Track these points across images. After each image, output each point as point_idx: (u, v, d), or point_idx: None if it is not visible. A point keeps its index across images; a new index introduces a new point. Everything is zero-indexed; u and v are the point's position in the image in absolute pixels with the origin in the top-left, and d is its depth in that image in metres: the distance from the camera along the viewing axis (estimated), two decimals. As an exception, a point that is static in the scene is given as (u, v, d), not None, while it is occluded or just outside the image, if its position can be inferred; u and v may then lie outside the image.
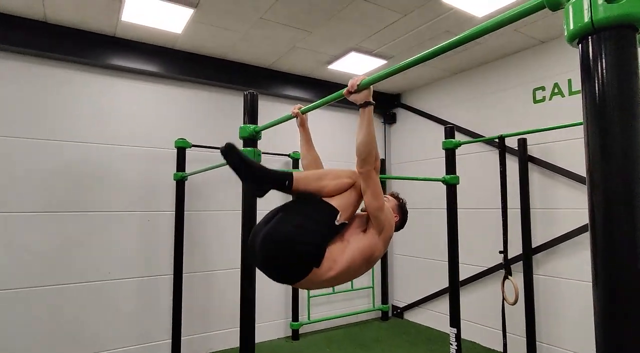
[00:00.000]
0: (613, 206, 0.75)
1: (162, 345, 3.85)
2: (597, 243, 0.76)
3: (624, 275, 0.73)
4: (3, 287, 3.25)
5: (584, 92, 0.78)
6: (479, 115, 4.46)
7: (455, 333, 3.13)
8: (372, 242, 1.61)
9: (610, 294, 0.76)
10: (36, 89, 3.48)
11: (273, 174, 1.52)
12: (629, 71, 0.74)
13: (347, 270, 1.56)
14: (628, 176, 0.73)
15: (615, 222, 0.74)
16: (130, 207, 3.82)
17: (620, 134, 0.73)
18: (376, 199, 1.53)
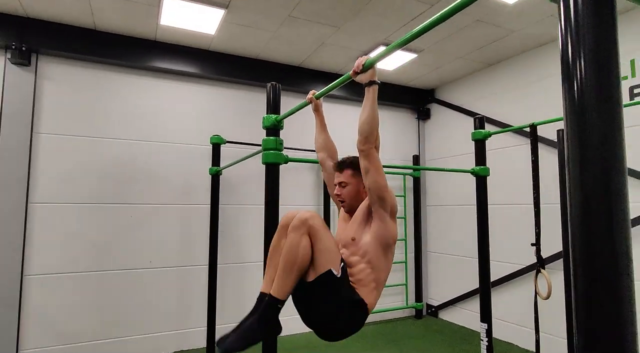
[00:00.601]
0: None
1: (197, 331, 4.04)
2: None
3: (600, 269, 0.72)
4: (57, 271, 3.57)
5: (562, 49, 0.78)
6: (515, 108, 4.30)
7: (486, 329, 3.05)
8: (384, 229, 1.62)
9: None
10: (87, 91, 3.80)
11: (264, 320, 1.56)
12: (606, 26, 0.73)
13: (385, 271, 1.71)
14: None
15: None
16: (170, 200, 4.05)
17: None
18: (381, 177, 1.55)
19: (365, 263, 1.70)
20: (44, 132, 3.62)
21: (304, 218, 1.51)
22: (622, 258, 0.72)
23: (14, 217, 3.40)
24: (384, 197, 1.57)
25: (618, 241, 0.72)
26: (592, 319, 0.72)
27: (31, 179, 3.53)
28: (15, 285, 3.38)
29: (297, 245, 1.50)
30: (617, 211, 0.72)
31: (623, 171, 0.73)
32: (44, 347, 3.48)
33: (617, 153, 0.74)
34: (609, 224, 0.73)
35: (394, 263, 5.35)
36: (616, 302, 0.70)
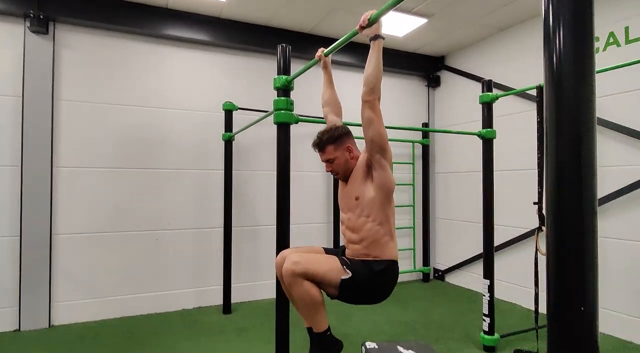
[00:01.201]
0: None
1: (214, 289, 4.28)
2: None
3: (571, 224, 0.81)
4: (83, 231, 3.80)
5: (544, 15, 0.86)
6: (526, 73, 4.28)
7: (488, 285, 3.19)
8: (385, 176, 1.73)
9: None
10: (103, 59, 3.91)
11: (326, 348, 1.85)
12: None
13: (392, 219, 1.90)
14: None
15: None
16: (186, 165, 4.21)
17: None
18: (382, 127, 1.65)
19: (372, 222, 1.82)
20: (65, 98, 3.76)
21: (291, 271, 1.68)
22: (587, 208, 0.79)
23: (41, 180, 3.60)
24: (385, 147, 1.68)
25: (586, 190, 0.79)
26: (561, 269, 0.80)
27: (54, 144, 3.71)
28: (46, 244, 3.62)
29: (304, 293, 1.71)
30: (586, 163, 0.79)
31: (592, 128, 0.82)
32: (73, 300, 3.75)
33: (589, 115, 0.82)
34: (578, 175, 0.80)
35: (402, 228, 5.52)
36: (581, 247, 0.78)
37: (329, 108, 2.08)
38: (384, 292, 1.90)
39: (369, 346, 2.42)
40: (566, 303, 0.76)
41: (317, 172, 4.84)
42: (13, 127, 3.57)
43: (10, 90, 3.56)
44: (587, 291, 0.75)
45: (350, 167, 1.85)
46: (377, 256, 1.86)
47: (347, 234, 1.96)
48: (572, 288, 0.76)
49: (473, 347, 3.21)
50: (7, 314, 3.52)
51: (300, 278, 1.67)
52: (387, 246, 1.85)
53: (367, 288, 1.81)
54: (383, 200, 1.81)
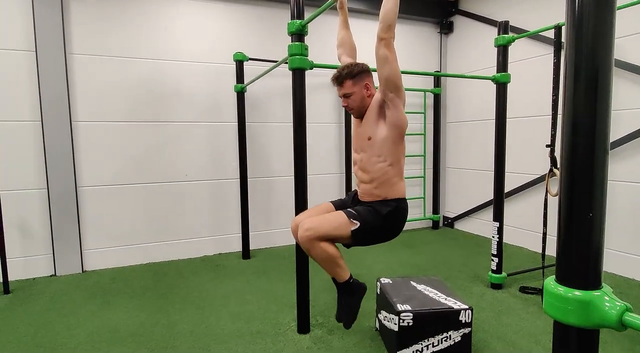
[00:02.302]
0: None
1: (233, 237, 4.49)
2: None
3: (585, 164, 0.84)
4: (105, 183, 3.95)
5: None
6: (544, 14, 4.13)
7: (497, 227, 3.31)
8: (397, 115, 1.78)
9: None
10: (113, 12, 3.86)
11: (350, 295, 1.98)
12: None
13: (402, 160, 1.98)
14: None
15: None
16: (200, 117, 4.27)
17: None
18: (397, 65, 1.68)
19: (383, 162, 1.89)
20: (76, 52, 3.77)
21: (306, 238, 1.82)
22: (600, 152, 0.82)
23: (62, 134, 3.70)
24: (399, 86, 1.71)
25: (599, 131, 0.82)
26: (571, 209, 0.85)
27: (71, 99, 3.77)
28: (72, 196, 3.79)
29: (322, 253, 1.84)
30: (601, 114, 0.82)
31: (609, 68, 0.83)
32: (102, 247, 3.98)
33: (606, 56, 0.83)
34: (592, 119, 0.82)
35: (412, 177, 5.60)
36: (591, 189, 0.82)
37: (343, 49, 2.09)
38: (393, 230, 2.03)
39: (384, 281, 2.59)
40: (576, 211, 0.83)
41: (330, 124, 4.87)
42: (30, 83, 3.61)
43: (24, 45, 3.58)
44: (595, 199, 0.83)
45: (366, 104, 1.90)
46: (386, 196, 1.96)
47: (359, 174, 2.06)
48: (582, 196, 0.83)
49: (481, 285, 3.39)
50: (43, 260, 3.77)
51: (315, 242, 1.82)
52: (396, 186, 1.95)
53: (377, 231, 1.95)
54: (395, 139, 1.87)
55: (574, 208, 0.84)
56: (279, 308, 2.98)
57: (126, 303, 3.11)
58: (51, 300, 3.19)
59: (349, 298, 1.96)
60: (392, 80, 1.70)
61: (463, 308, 2.18)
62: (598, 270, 0.84)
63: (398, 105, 1.76)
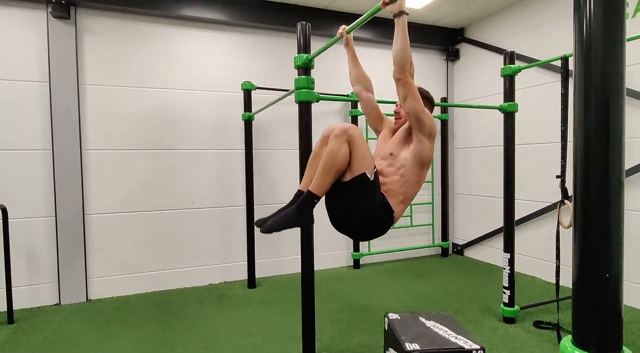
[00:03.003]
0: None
1: (239, 265, 4.44)
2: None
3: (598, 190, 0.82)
4: (112, 211, 3.96)
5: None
6: (549, 44, 4.16)
7: (508, 258, 3.23)
8: (421, 149, 1.77)
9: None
10: (124, 42, 3.97)
11: (301, 208, 1.77)
12: None
13: (414, 187, 1.88)
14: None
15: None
16: (208, 145, 4.30)
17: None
18: (417, 102, 1.68)
19: (399, 176, 1.84)
20: (89, 83, 3.86)
21: (345, 129, 1.67)
22: (614, 180, 0.81)
23: (72, 163, 3.75)
24: (421, 119, 1.71)
25: (612, 162, 0.80)
26: (586, 233, 0.83)
27: (82, 127, 3.83)
28: (79, 223, 3.80)
29: (337, 150, 1.67)
30: (614, 133, 0.81)
31: (622, 100, 0.82)
32: (107, 276, 3.96)
33: (618, 84, 0.82)
34: (605, 149, 0.81)
35: (421, 204, 5.55)
36: (606, 215, 0.80)
37: (359, 86, 2.10)
38: (372, 225, 1.84)
39: (392, 317, 2.52)
40: (591, 272, 0.80)
41: (335, 150, 4.88)
42: (42, 112, 3.69)
43: (37, 76, 3.67)
44: (612, 258, 0.79)
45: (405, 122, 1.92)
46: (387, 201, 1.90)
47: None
48: (597, 256, 0.79)
49: (493, 319, 3.28)
50: (48, 289, 3.75)
51: (344, 139, 1.67)
52: (397, 205, 1.85)
53: (367, 202, 1.77)
54: (414, 166, 1.83)
55: (588, 267, 0.80)
56: (284, 342, 2.90)
57: (130, 334, 3.06)
58: (55, 331, 3.15)
59: (297, 211, 1.78)
60: (414, 116, 1.72)
61: (474, 348, 2.09)
62: (617, 332, 0.79)
63: (422, 139, 1.76)
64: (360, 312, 3.46)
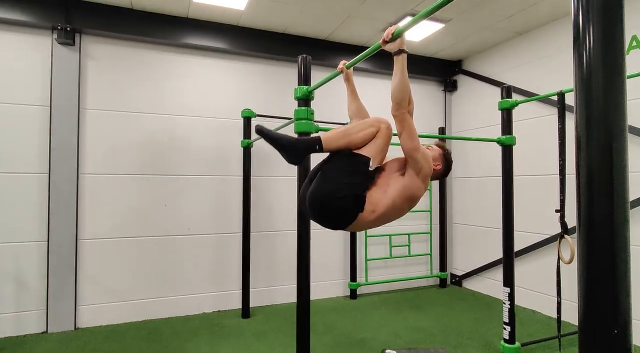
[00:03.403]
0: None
1: (233, 294, 4.34)
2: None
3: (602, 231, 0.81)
4: (107, 236, 3.90)
5: (574, 23, 0.87)
6: (545, 78, 4.24)
7: (508, 293, 3.17)
8: (411, 183, 1.73)
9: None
10: (126, 68, 4.02)
11: (302, 143, 1.72)
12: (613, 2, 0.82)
13: (390, 210, 1.74)
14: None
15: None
16: (205, 171, 4.29)
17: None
18: (412, 140, 1.66)
19: (382, 193, 1.75)
20: (90, 107, 3.88)
21: (384, 122, 1.72)
22: (620, 218, 0.80)
23: (68, 187, 3.72)
24: (414, 157, 1.69)
25: (617, 199, 0.79)
26: (591, 276, 0.81)
27: (80, 152, 3.83)
28: (71, 248, 3.73)
29: (366, 126, 1.71)
30: (618, 172, 0.80)
31: (624, 136, 0.82)
32: (97, 303, 3.85)
33: (619, 120, 0.82)
34: (609, 187, 0.80)
35: (419, 233, 5.46)
36: (612, 256, 0.79)
37: (358, 120, 2.10)
38: (335, 209, 1.69)
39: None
40: (599, 327, 0.76)
41: (333, 177, 4.87)
42: (41, 136, 3.69)
43: (39, 100, 3.70)
44: (620, 311, 0.76)
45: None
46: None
47: None
48: (605, 310, 0.77)
49: (493, 355, 3.18)
50: (35, 316, 3.64)
51: (377, 126, 1.71)
52: (370, 208, 1.71)
53: (347, 180, 1.67)
54: (399, 196, 1.74)
55: (595, 322, 0.77)
56: (278, 379, 2.79)
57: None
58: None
59: (294, 142, 1.71)
60: (407, 152, 1.71)
61: (475, 391, 2.02)
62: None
63: (413, 176, 1.72)
64: (356, 347, 3.36)
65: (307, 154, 1.79)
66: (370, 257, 4.99)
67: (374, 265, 5.05)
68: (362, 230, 1.64)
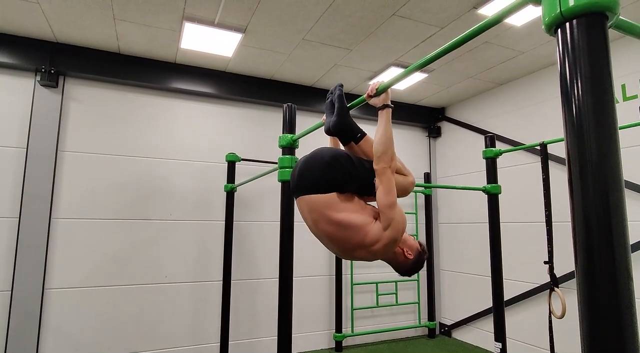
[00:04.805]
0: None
1: (212, 347, 4.07)
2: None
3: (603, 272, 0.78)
4: (77, 285, 3.66)
5: (561, 75, 0.85)
6: (526, 126, 4.34)
7: (500, 348, 3.03)
8: (376, 232, 1.58)
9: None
10: (109, 110, 3.97)
11: (353, 123, 1.79)
12: (599, 53, 0.80)
13: (344, 231, 1.62)
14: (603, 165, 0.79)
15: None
16: (187, 216, 4.15)
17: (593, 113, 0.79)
18: (387, 196, 1.57)
19: (358, 208, 1.68)
20: (69, 150, 3.78)
21: (413, 178, 1.85)
22: (622, 270, 0.76)
23: (38, 232, 3.53)
24: (385, 213, 1.58)
25: (618, 253, 0.76)
26: (596, 329, 0.76)
27: (55, 195, 3.67)
28: (37, 298, 3.48)
29: (401, 163, 1.81)
30: (617, 225, 0.77)
31: (620, 188, 0.79)
32: (61, 360, 3.54)
33: (615, 172, 0.80)
34: (609, 237, 0.77)
35: (406, 281, 5.26)
36: (617, 308, 0.75)
37: None
38: (333, 167, 1.68)
39: None
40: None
41: (319, 222, 4.77)
42: (14, 178, 3.55)
43: (15, 142, 3.59)
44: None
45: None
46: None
47: None
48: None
49: None
50: (-11, 376, 3.31)
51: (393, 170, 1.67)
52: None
53: (349, 166, 1.69)
54: (362, 223, 1.65)
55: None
56: None
57: None
58: None
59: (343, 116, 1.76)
60: (381, 209, 1.59)
61: None
62: None
63: (379, 227, 1.60)
64: (341, 408, 3.11)
65: (347, 132, 1.79)
66: (357, 306, 4.79)
67: (360, 314, 4.85)
68: (321, 229, 1.52)
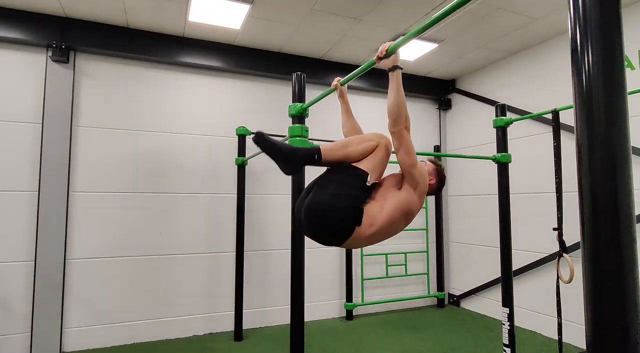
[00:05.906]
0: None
1: (226, 315, 4.22)
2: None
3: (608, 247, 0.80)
4: (96, 256, 3.80)
5: (571, 40, 0.86)
6: (537, 97, 4.27)
7: (507, 314, 3.09)
8: (408, 197, 1.68)
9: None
10: (120, 86, 4.01)
11: (301, 152, 1.68)
12: (611, 18, 0.81)
13: (387, 225, 1.68)
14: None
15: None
16: (199, 189, 4.24)
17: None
18: (409, 156, 1.64)
19: (379, 207, 1.69)
20: (83, 125, 3.85)
21: (384, 137, 1.71)
22: (627, 242, 0.78)
23: (57, 205, 3.64)
24: (411, 173, 1.66)
25: (623, 227, 0.78)
26: (600, 303, 0.78)
27: (72, 169, 3.77)
28: (59, 268, 3.63)
29: (364, 140, 1.69)
30: (623, 195, 0.78)
31: (627, 155, 0.80)
32: (84, 325, 3.72)
33: (623, 139, 0.80)
34: (614, 207, 0.78)
35: (415, 252, 5.37)
36: (621, 281, 0.76)
37: None
38: (334, 217, 1.61)
39: (386, 378, 2.34)
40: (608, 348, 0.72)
41: (329, 196, 4.82)
42: (32, 154, 3.64)
43: (31, 118, 3.66)
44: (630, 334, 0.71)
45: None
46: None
47: None
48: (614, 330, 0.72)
49: (493, 379, 3.08)
50: (18, 340, 3.50)
51: (376, 141, 1.69)
52: (367, 223, 1.64)
53: (346, 194, 1.62)
54: (396, 210, 1.69)
55: (605, 350, 0.72)
56: (270, 406, 2.67)
57: (102, 395, 2.81)
58: (20, 389, 2.89)
59: (292, 150, 1.67)
60: (403, 168, 1.68)
61: None
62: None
63: (410, 191, 1.69)
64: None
65: (304, 163, 1.73)
66: (367, 276, 4.90)
67: (370, 284, 4.96)
68: (358, 248, 1.55)
